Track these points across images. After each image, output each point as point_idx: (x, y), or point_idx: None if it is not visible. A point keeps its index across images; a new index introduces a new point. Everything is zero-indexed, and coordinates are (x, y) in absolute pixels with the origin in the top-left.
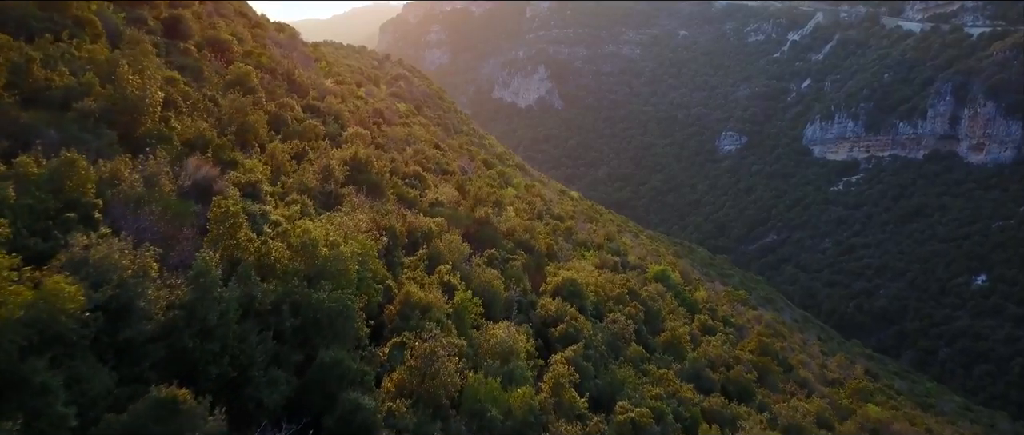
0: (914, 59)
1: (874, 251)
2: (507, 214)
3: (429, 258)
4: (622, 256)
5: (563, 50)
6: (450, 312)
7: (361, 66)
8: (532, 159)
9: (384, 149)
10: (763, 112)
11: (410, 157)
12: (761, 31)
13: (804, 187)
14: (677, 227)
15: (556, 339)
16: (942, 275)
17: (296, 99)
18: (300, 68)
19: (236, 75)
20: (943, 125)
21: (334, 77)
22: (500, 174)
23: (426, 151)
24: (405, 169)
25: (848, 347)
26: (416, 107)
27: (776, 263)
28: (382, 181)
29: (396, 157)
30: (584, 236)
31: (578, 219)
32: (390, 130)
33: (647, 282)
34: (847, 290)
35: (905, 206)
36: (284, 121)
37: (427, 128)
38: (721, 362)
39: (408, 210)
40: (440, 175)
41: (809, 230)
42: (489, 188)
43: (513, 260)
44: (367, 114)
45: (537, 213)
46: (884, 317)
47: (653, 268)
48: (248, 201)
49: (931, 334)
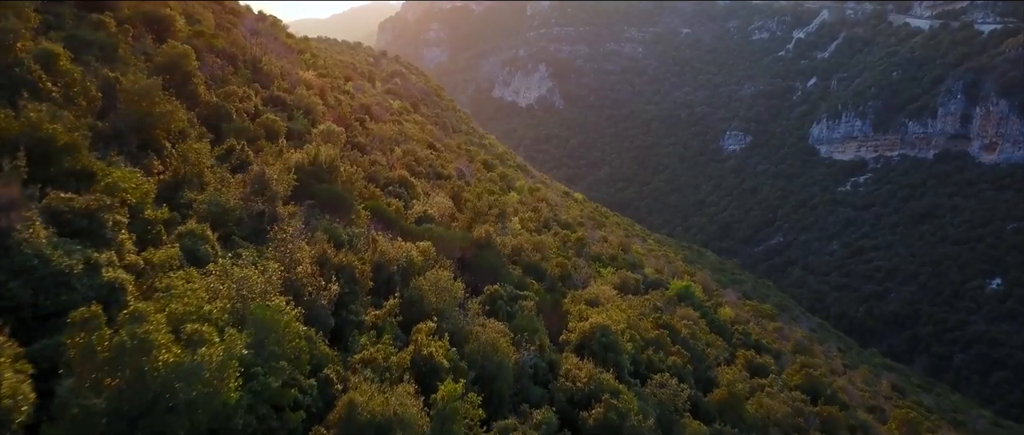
0: (923, 57)
1: (884, 253)
2: (512, 226)
3: (405, 309)
4: (638, 269)
5: (564, 48)
6: (428, 430)
7: (355, 62)
8: (533, 159)
9: (364, 150)
10: (768, 111)
11: (398, 159)
12: (765, 29)
13: (811, 187)
14: (681, 229)
15: (590, 429)
16: (955, 278)
17: (257, 90)
18: (272, 57)
19: (169, 57)
20: (954, 124)
21: (318, 70)
22: (502, 176)
23: (418, 152)
24: (389, 174)
25: (867, 357)
26: (413, 105)
27: (783, 265)
28: (350, 193)
29: (380, 159)
30: (597, 248)
31: (586, 225)
32: (377, 128)
33: (671, 301)
34: (856, 294)
35: (915, 207)
36: (224, 115)
37: (422, 126)
38: (788, 425)
39: (384, 233)
40: (433, 181)
41: (816, 231)
42: (490, 195)
43: (523, 300)
44: (351, 110)
45: (544, 221)
46: (895, 322)
47: (675, 285)
48: (68, 245)
49: (945, 339)
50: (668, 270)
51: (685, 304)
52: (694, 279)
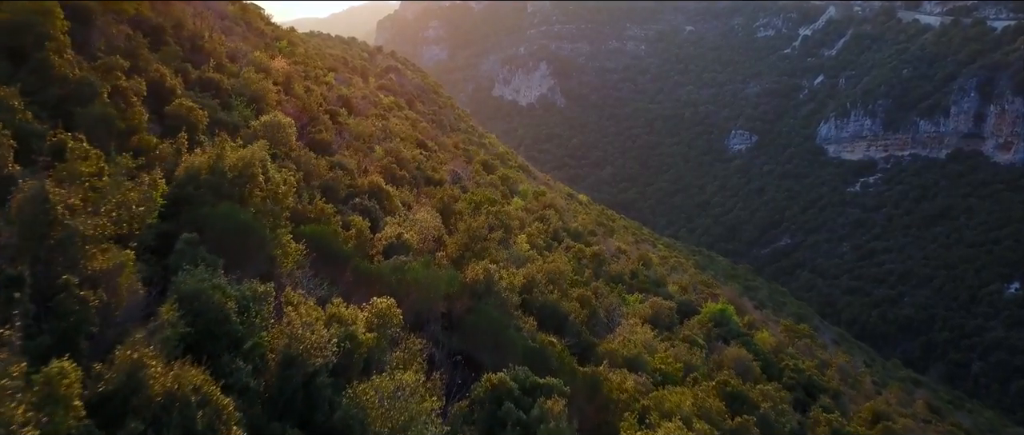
0: (934, 54)
1: (896, 256)
2: (519, 245)
3: None
4: (663, 288)
5: (565, 46)
6: None
7: (347, 56)
8: (534, 159)
9: (328, 150)
10: (774, 110)
11: (376, 161)
12: (771, 26)
13: (819, 188)
14: (685, 230)
15: None
16: (972, 282)
17: (185, 70)
18: (234, 39)
19: (19, 14)
20: (967, 123)
21: (294, 59)
22: (503, 179)
23: (403, 152)
24: (359, 181)
25: (891, 370)
26: (407, 101)
27: (790, 268)
28: (272, 216)
29: (350, 161)
30: (616, 266)
31: (598, 234)
32: (354, 124)
33: (705, 325)
34: (868, 298)
35: (928, 208)
36: (86, 95)
37: (414, 124)
38: None
39: (320, 281)
40: (420, 188)
41: (825, 233)
42: (490, 205)
43: (544, 395)
44: (323, 102)
45: (553, 232)
46: (910, 327)
47: (709, 308)
48: None
49: (962, 346)
50: (692, 285)
51: (721, 328)
52: (721, 293)
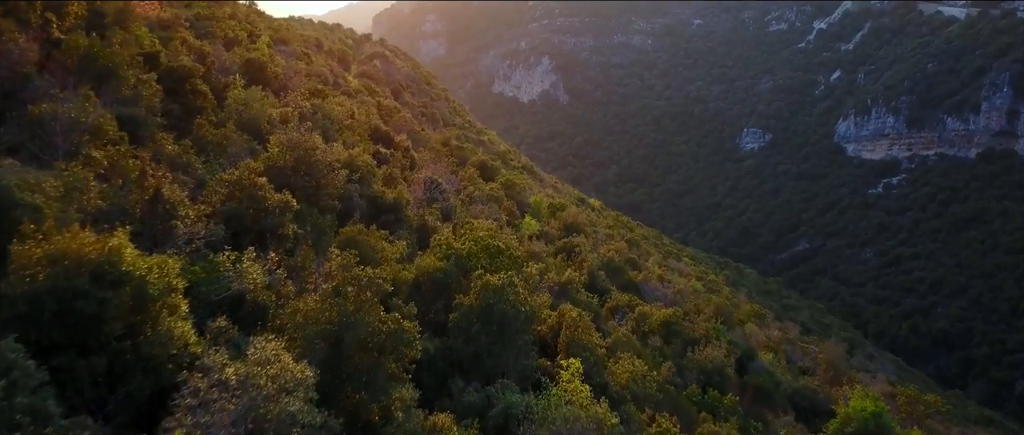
0: (961, 47)
1: (925, 263)
2: (555, 397)
3: None
4: (756, 360)
5: (568, 40)
6: None
7: (325, 41)
8: (536, 158)
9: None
10: (788, 107)
11: (255, 161)
12: (784, 19)
13: (838, 189)
14: (695, 233)
15: None
16: (1012, 293)
17: None
18: None
19: None
20: (999, 120)
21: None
22: (507, 186)
23: (314, 153)
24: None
25: (961, 406)
26: (394, 92)
27: (809, 275)
28: None
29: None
30: (688, 328)
31: (634, 254)
32: (246, 97)
33: None
34: (897, 308)
35: (958, 212)
36: None
37: (389, 113)
38: None
39: None
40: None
41: (846, 238)
42: (478, 257)
43: None
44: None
45: (589, 273)
46: (944, 341)
47: (856, 413)
48: None
49: (1004, 363)
50: (784, 344)
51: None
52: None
